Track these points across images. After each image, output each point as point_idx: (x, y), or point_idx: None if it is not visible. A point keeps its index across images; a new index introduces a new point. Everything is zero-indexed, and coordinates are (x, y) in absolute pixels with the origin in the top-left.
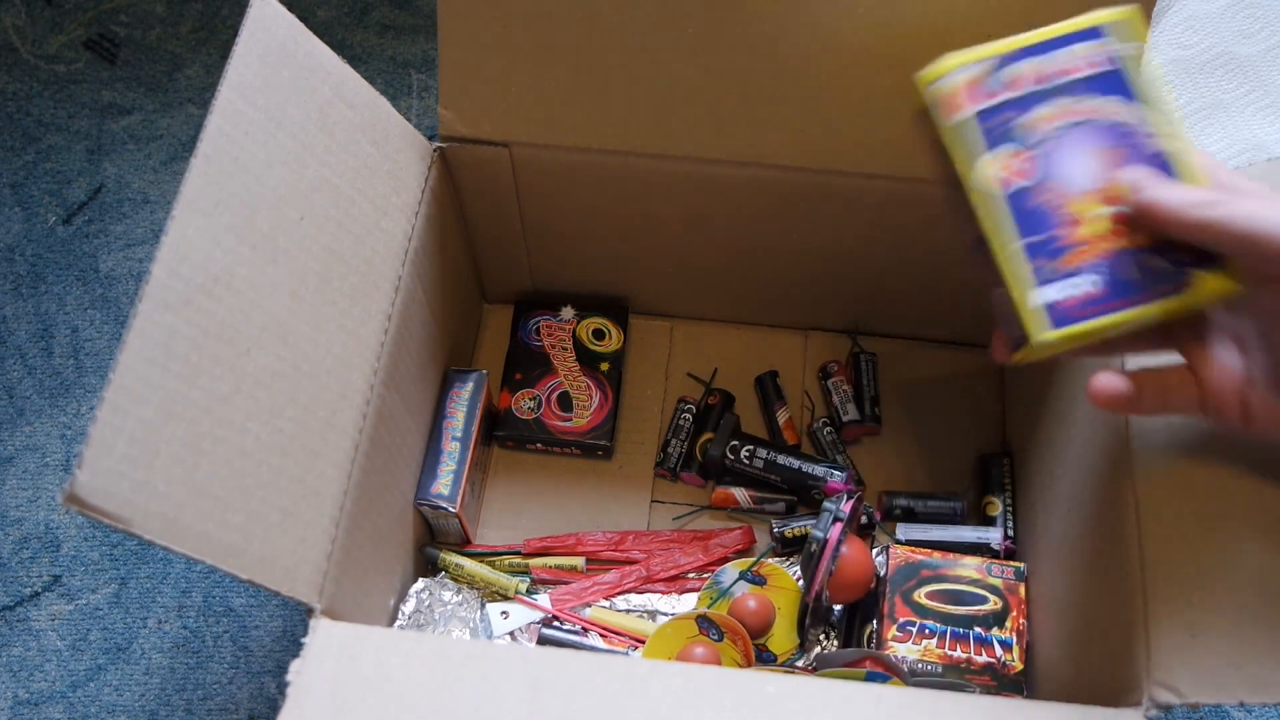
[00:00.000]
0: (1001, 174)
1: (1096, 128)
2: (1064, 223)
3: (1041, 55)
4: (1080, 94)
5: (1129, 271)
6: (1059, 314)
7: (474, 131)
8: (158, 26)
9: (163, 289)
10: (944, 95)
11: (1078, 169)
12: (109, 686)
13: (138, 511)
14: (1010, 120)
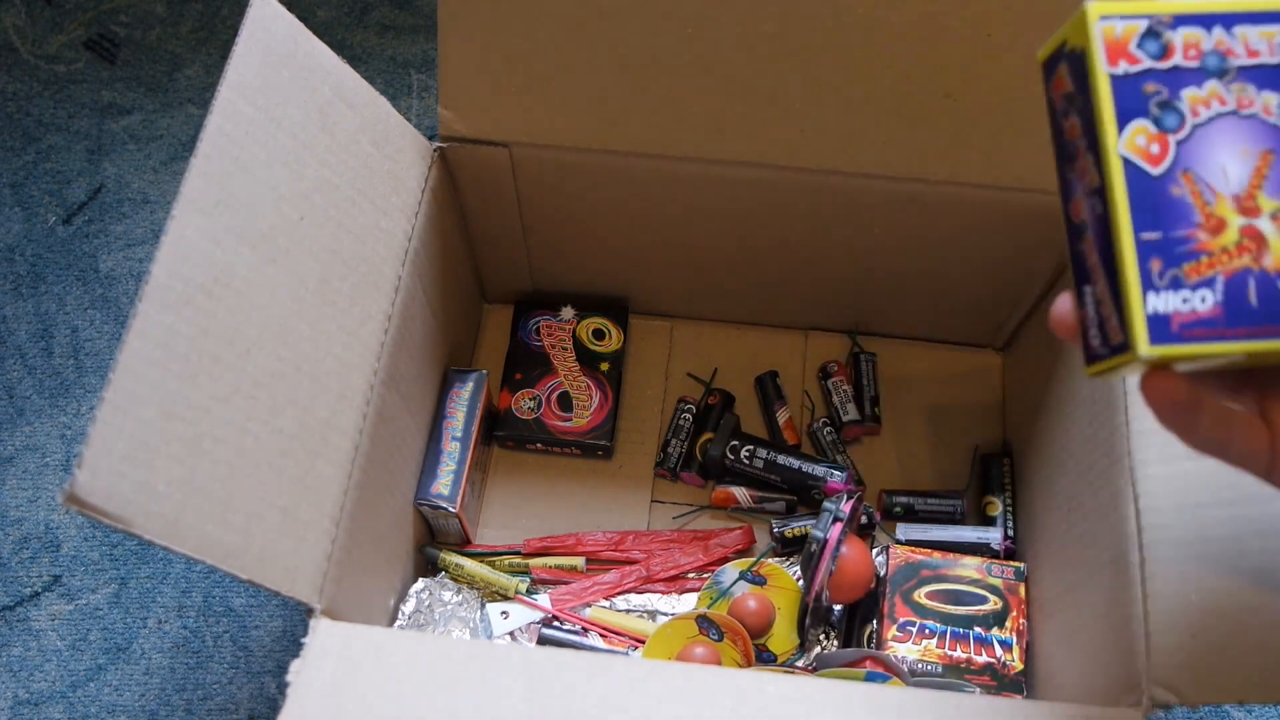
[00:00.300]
0: (1134, 152)
1: (1257, 125)
2: (1197, 225)
3: (1224, 26)
4: (1251, 82)
5: (1257, 297)
6: (1166, 330)
7: (474, 131)
8: (158, 26)
9: (163, 289)
10: (1099, 41)
11: (1223, 166)
12: (109, 686)
13: (138, 511)
14: (1154, 94)
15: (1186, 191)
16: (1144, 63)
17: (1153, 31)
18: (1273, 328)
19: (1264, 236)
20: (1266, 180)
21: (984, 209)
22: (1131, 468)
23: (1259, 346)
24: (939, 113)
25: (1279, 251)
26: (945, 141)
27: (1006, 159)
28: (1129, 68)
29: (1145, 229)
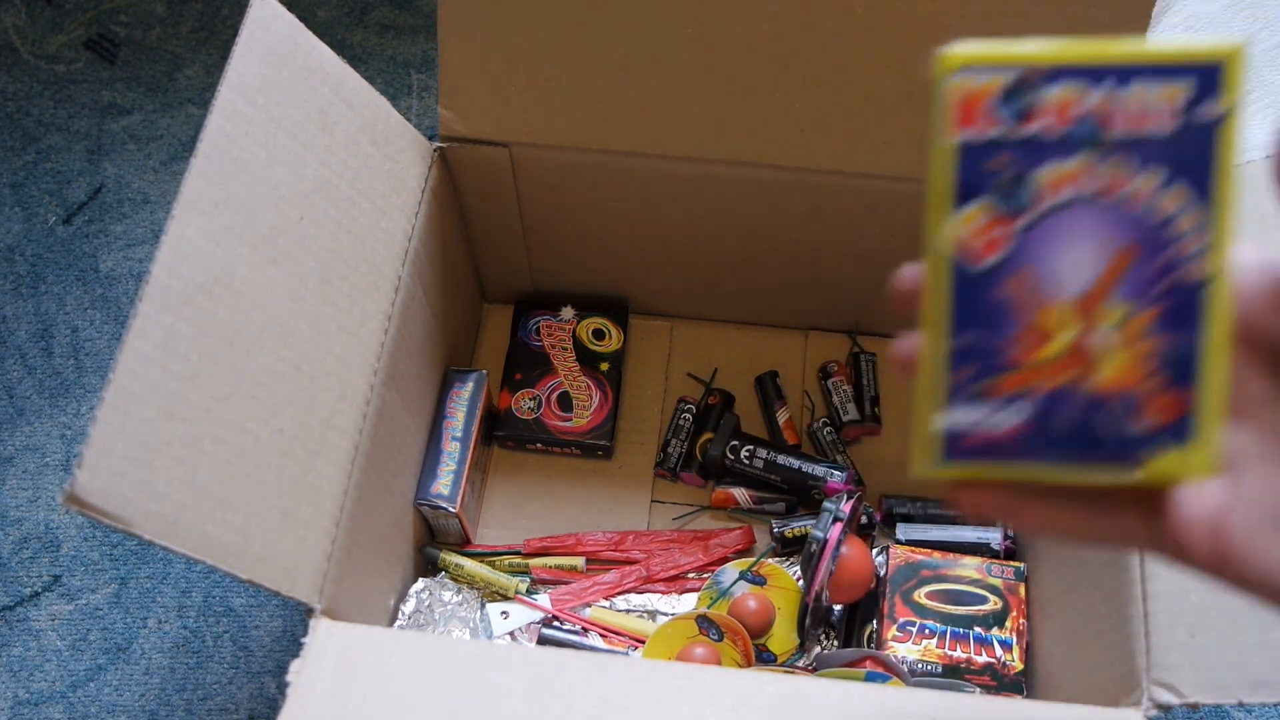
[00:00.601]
0: (963, 240)
1: (1123, 214)
2: (1023, 332)
3: (1098, 84)
4: (1130, 157)
5: (1074, 420)
6: (960, 446)
7: (474, 131)
8: (158, 26)
9: (163, 289)
10: (948, 99)
11: (1069, 263)
12: (109, 686)
13: (138, 511)
14: (1005, 168)
15: (1019, 289)
16: (999, 127)
17: (1020, 87)
18: (1082, 456)
19: (1097, 351)
20: (1119, 283)
21: None
22: None
23: (1060, 477)
24: None
25: (1111, 370)
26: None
27: None
28: (981, 134)
29: (961, 331)
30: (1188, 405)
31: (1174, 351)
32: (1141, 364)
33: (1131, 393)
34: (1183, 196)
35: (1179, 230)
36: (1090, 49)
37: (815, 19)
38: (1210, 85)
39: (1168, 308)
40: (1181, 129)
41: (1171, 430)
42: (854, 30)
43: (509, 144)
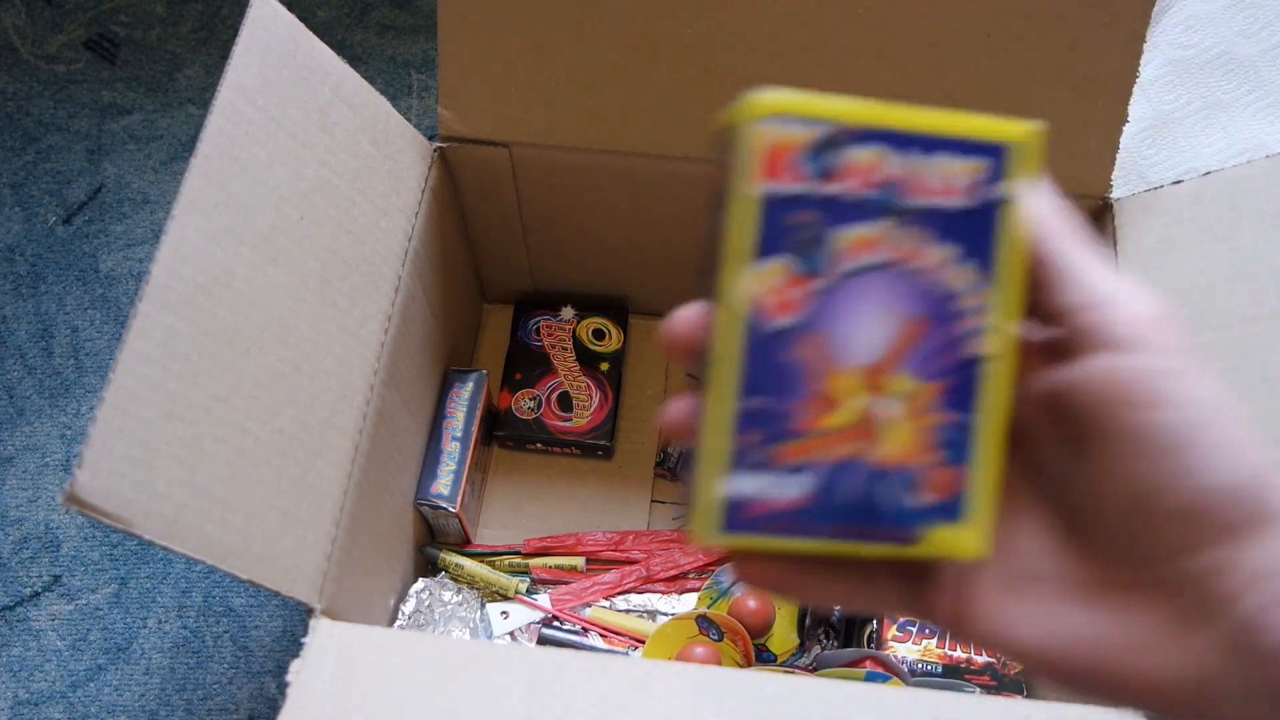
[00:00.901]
0: (758, 298)
1: (917, 285)
2: (812, 399)
3: (903, 151)
4: (928, 229)
5: (856, 493)
6: (742, 515)
7: (474, 131)
8: (158, 26)
9: (163, 289)
10: (754, 147)
11: (860, 331)
12: (109, 686)
13: (138, 511)
14: (806, 226)
15: (811, 354)
16: (804, 183)
17: (829, 144)
18: (862, 529)
19: (883, 422)
20: (907, 355)
21: None
22: None
23: (844, 549)
24: None
25: (895, 443)
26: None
27: None
28: (784, 188)
29: (749, 394)
30: (963, 483)
31: (953, 429)
32: (923, 439)
33: (912, 467)
34: (972, 273)
35: (965, 306)
36: (901, 114)
37: (815, 19)
38: (1005, 165)
39: (950, 384)
40: (975, 206)
41: (946, 507)
42: (854, 30)
43: (509, 144)
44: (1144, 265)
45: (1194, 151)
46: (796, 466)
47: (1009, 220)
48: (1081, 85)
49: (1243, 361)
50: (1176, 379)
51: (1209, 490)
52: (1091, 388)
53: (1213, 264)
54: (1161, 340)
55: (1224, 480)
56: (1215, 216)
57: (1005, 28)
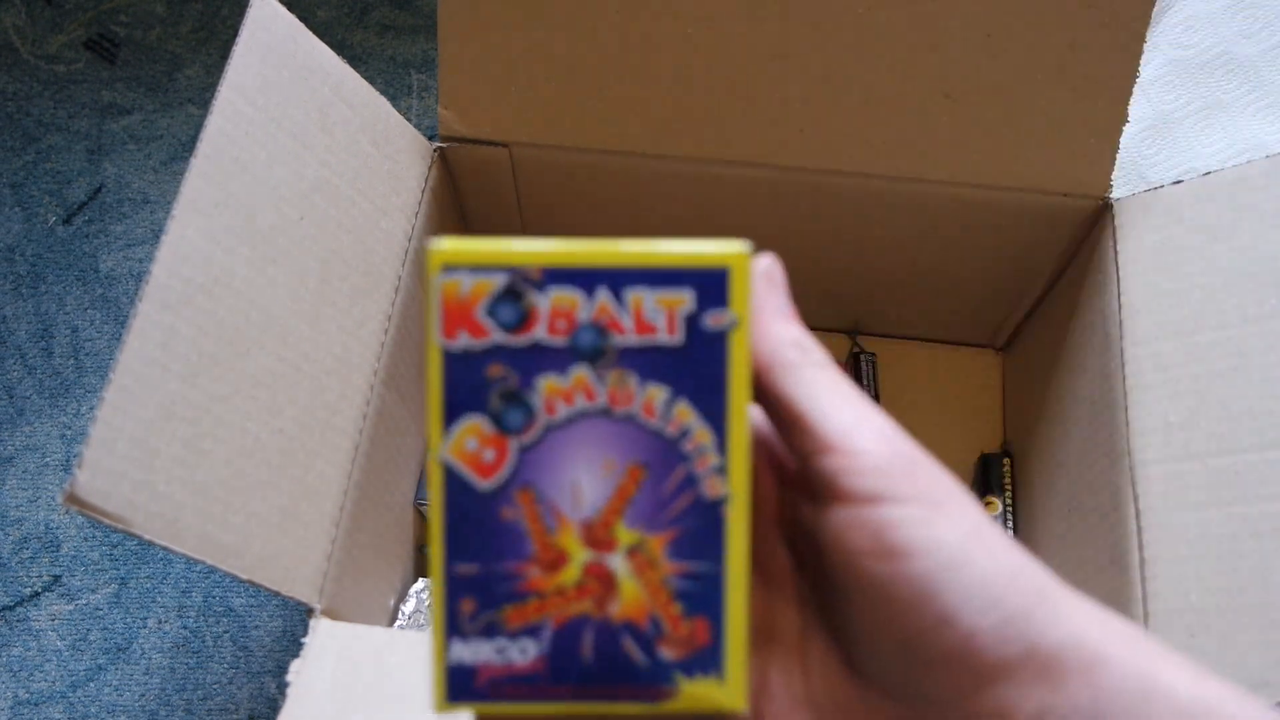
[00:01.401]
0: (457, 459)
1: (631, 431)
2: (529, 558)
3: (611, 288)
4: (634, 369)
5: (592, 650)
6: (470, 684)
7: (474, 131)
8: (158, 26)
9: (163, 289)
10: (435, 301)
11: (575, 483)
12: (109, 687)
13: (138, 511)
14: (497, 381)
15: (522, 514)
16: (492, 335)
17: (513, 291)
18: (607, 689)
19: (612, 576)
20: (630, 504)
21: (984, 209)
22: (1131, 468)
23: (591, 709)
24: (939, 113)
25: (629, 597)
26: (945, 141)
27: (1006, 159)
28: (472, 342)
29: (461, 559)
30: (710, 634)
31: (689, 579)
32: (659, 590)
33: (652, 621)
34: (691, 412)
35: (692, 447)
36: (589, 250)
37: (816, 19)
38: (714, 294)
39: (680, 532)
40: (688, 340)
41: (696, 660)
42: (854, 30)
43: (509, 144)
44: (1144, 265)
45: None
46: (525, 629)
47: (728, 350)
48: (1081, 85)
49: (1243, 362)
50: (916, 527)
51: (971, 635)
52: (834, 540)
53: (1213, 264)
54: (898, 487)
55: (982, 623)
56: (1215, 216)
57: (1005, 28)
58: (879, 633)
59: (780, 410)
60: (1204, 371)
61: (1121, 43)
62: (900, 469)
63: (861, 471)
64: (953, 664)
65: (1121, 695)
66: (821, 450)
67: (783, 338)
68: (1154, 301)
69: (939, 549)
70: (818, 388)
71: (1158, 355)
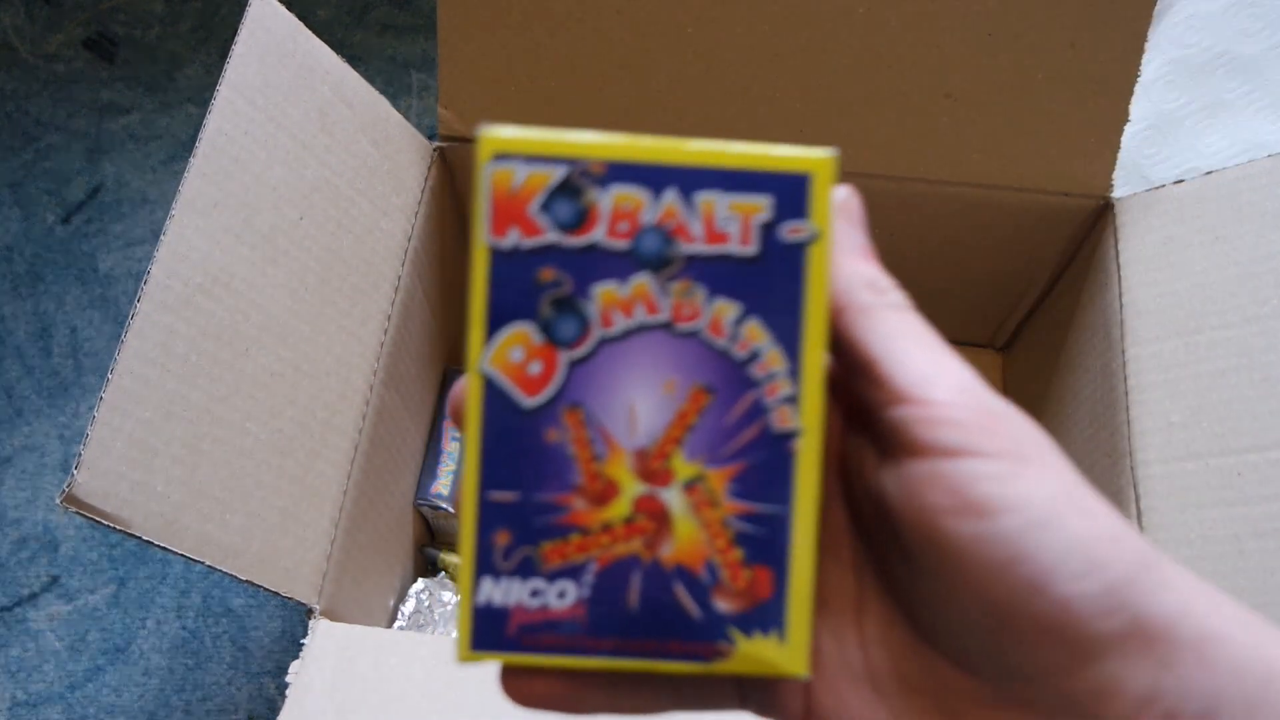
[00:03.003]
0: (500, 370)
1: (695, 349)
2: (574, 488)
3: (664, 191)
4: (702, 282)
5: (639, 598)
6: (500, 629)
7: (474, 131)
8: (157, 26)
9: (162, 289)
10: (484, 193)
11: (631, 406)
12: (107, 687)
13: (136, 512)
14: (549, 285)
15: (569, 437)
16: (546, 234)
17: (572, 186)
18: (652, 643)
19: (666, 513)
20: (691, 433)
21: (985, 208)
22: (1132, 468)
23: (633, 666)
24: (939, 113)
25: (684, 538)
26: (946, 141)
27: (1007, 158)
28: (523, 240)
29: (497, 485)
30: (773, 586)
31: (755, 520)
32: (719, 533)
33: (709, 567)
34: (764, 333)
35: (762, 372)
36: (653, 146)
37: (816, 19)
38: (794, 203)
39: (747, 466)
40: (762, 252)
41: (754, 615)
42: (855, 30)
43: None
44: (1145, 265)
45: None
46: (564, 569)
47: (806, 267)
48: (1082, 85)
49: (1245, 361)
50: (1001, 482)
51: (1068, 603)
52: (908, 497)
53: (1214, 264)
54: (981, 440)
55: (1083, 589)
56: (1217, 216)
57: (1006, 27)
58: (959, 599)
59: (851, 354)
60: (1206, 371)
61: (1123, 42)
62: (983, 421)
63: (940, 422)
64: (1047, 635)
65: (1241, 678)
66: (896, 399)
67: (858, 276)
68: (1156, 301)
69: (1028, 505)
70: (894, 332)
71: (1159, 355)
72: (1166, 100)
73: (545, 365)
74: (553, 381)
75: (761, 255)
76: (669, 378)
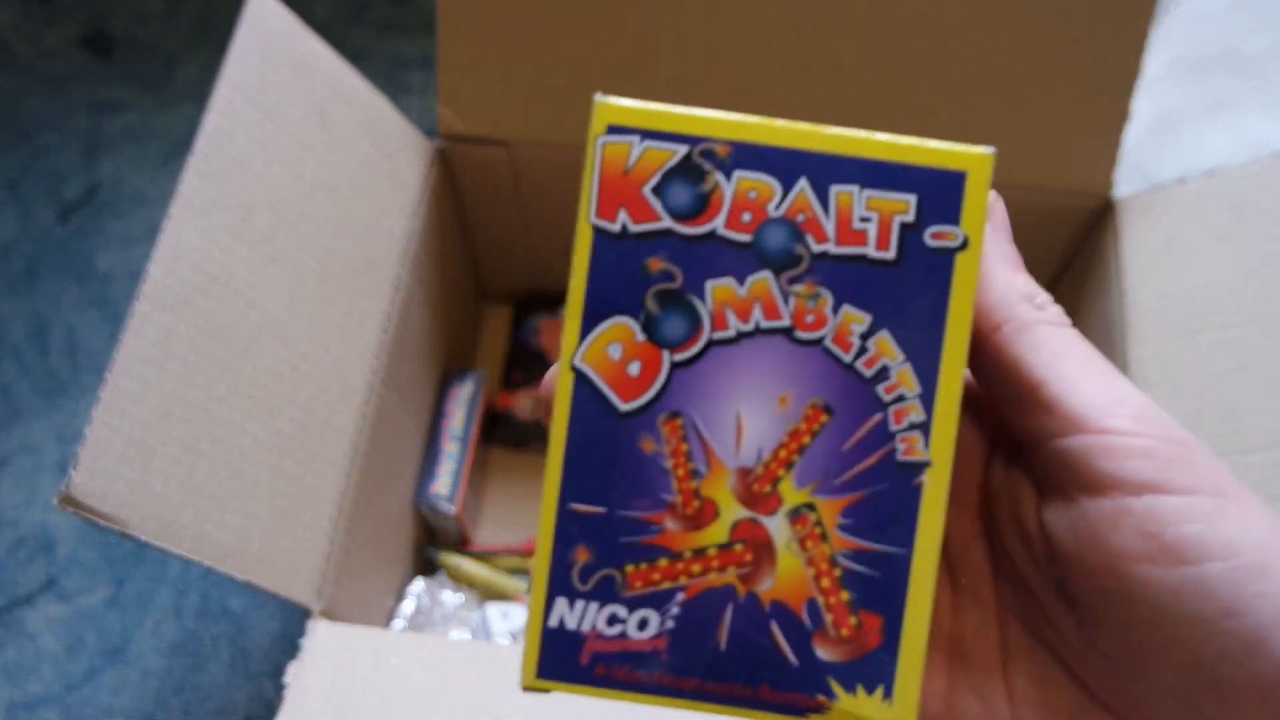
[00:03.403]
0: (595, 367)
1: (818, 360)
2: (668, 506)
3: (796, 180)
4: (830, 286)
5: (727, 636)
6: (570, 658)
7: (474, 130)
8: (154, 24)
9: (160, 288)
10: (614, 165)
11: (738, 420)
12: (105, 689)
13: (134, 512)
14: (658, 276)
15: (666, 449)
16: (660, 220)
17: (693, 167)
18: (738, 688)
19: (770, 544)
20: (804, 455)
21: None
22: None
23: (709, 709)
24: (941, 111)
25: (786, 574)
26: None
27: (1009, 157)
28: (633, 225)
29: (581, 496)
30: (883, 636)
31: (869, 560)
32: (826, 571)
33: (811, 608)
34: (895, 350)
35: (890, 393)
36: (788, 130)
37: (817, 17)
38: (943, 204)
39: (865, 498)
40: (902, 257)
41: (863, 666)
42: (856, 29)
43: (509, 143)
44: (1148, 265)
45: (1198, 150)
46: (648, 597)
47: (952, 277)
48: (1084, 83)
49: (1247, 361)
50: (1209, 521)
51: None
52: (1086, 539)
53: (1217, 263)
54: (1175, 475)
55: None
56: (1220, 215)
57: (1008, 25)
58: (1153, 657)
59: (1008, 375)
60: (1208, 372)
61: (1125, 40)
62: (1175, 453)
63: (1128, 455)
64: (1265, 701)
65: None
66: (1069, 428)
67: (1015, 288)
68: (1158, 301)
69: (1240, 549)
70: (1061, 352)
71: (1161, 355)
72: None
73: (646, 366)
74: (653, 385)
75: (900, 260)
76: (784, 391)
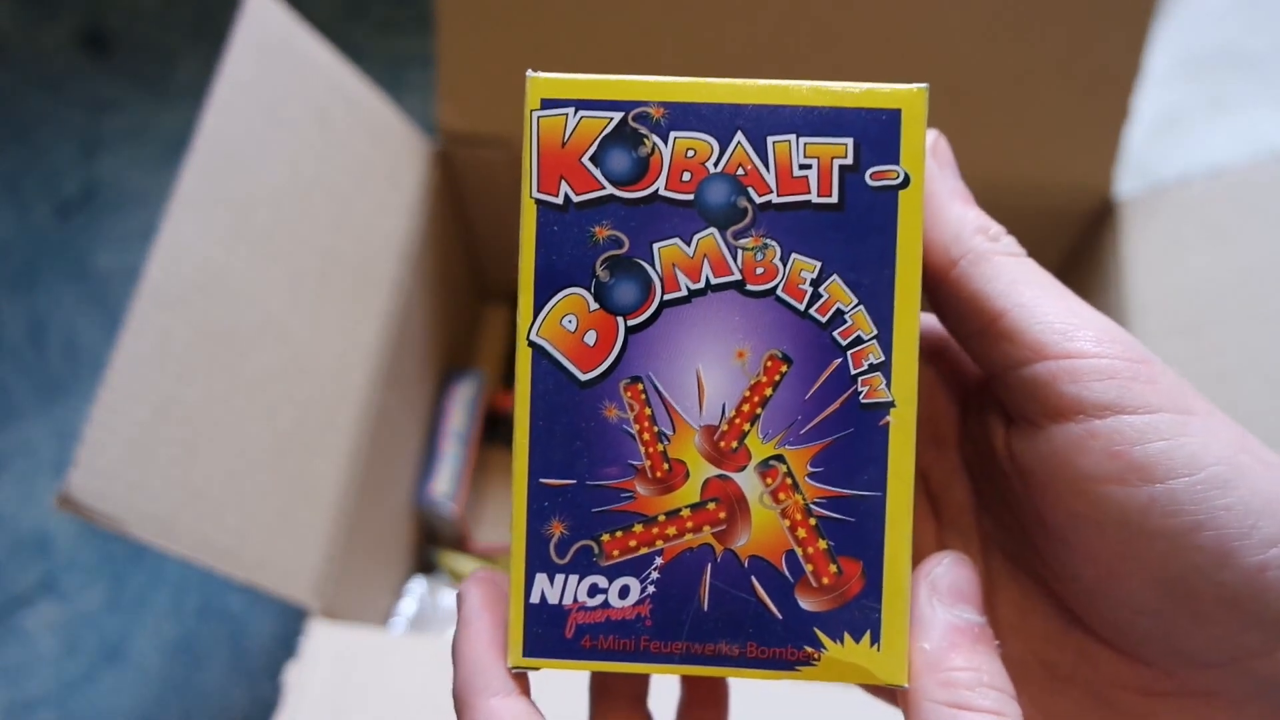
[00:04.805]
0: (550, 340)
1: (771, 313)
2: (637, 471)
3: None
4: (777, 236)
5: (709, 595)
6: (555, 632)
7: (473, 129)
8: (152, 21)
9: (158, 287)
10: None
11: (698, 378)
12: (103, 690)
13: (132, 512)
14: (604, 244)
15: (629, 415)
16: (601, 188)
17: (629, 132)
18: (724, 647)
19: (742, 500)
20: (768, 407)
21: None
22: None
23: (701, 673)
24: (941, 109)
25: (762, 527)
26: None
27: (1009, 155)
28: (575, 195)
29: (550, 470)
30: (864, 581)
31: (842, 505)
32: (801, 521)
33: (791, 560)
34: (849, 291)
35: (847, 337)
36: (719, 86)
37: (817, 15)
38: (881, 144)
39: (833, 444)
40: (845, 201)
41: (847, 614)
42: (856, 26)
43: (509, 142)
44: (1149, 264)
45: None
46: (627, 564)
47: (897, 216)
48: (1085, 81)
49: (1250, 361)
50: (1173, 437)
51: (1261, 572)
52: (1055, 464)
53: (1219, 263)
54: (1139, 393)
55: (1275, 557)
56: (1222, 215)
57: (1008, 23)
58: (1125, 577)
59: (968, 309)
60: (1210, 372)
61: (1126, 38)
62: (1137, 372)
63: (1090, 376)
64: (1236, 612)
65: None
66: (1033, 355)
67: (967, 221)
68: (1159, 300)
69: (1204, 463)
70: (1018, 279)
71: (1162, 355)
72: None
73: (602, 334)
74: (610, 352)
75: (844, 204)
76: (741, 345)
